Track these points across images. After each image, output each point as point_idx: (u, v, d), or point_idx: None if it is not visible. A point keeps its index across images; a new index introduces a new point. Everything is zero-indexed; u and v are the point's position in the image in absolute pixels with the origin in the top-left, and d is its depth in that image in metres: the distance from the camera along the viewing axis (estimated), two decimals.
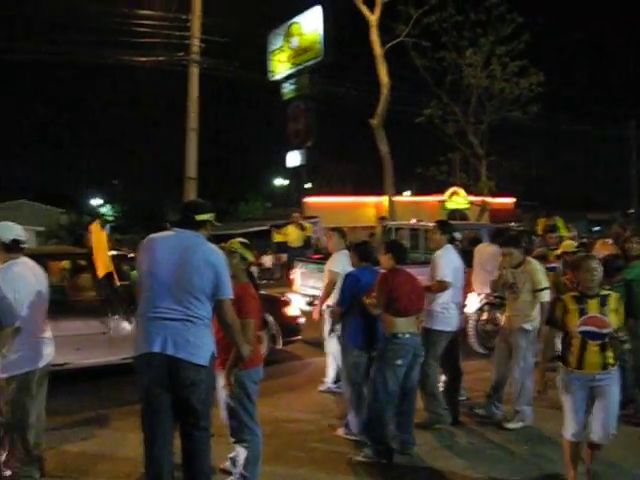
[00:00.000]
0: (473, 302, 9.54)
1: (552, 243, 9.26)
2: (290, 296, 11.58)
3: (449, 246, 6.50)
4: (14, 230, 4.93)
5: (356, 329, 5.92)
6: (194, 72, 19.22)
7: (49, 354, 4.98)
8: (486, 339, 9.64)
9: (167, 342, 4.09)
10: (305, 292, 11.49)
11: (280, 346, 9.28)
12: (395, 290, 5.55)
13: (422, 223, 13.80)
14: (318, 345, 9.79)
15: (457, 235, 7.67)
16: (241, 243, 5.04)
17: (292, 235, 18.18)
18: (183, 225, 4.40)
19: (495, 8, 24.86)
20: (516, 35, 25.46)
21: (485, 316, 9.76)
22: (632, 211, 44.44)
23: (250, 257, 5.04)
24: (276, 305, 9.57)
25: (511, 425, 6.41)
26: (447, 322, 6.28)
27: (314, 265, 11.45)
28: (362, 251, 6.26)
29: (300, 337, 9.64)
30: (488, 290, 8.58)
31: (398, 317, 5.52)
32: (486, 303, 9.58)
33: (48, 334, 5.02)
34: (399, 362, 5.51)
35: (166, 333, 4.11)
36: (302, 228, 18.14)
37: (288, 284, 18.29)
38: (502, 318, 7.07)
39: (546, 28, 30.82)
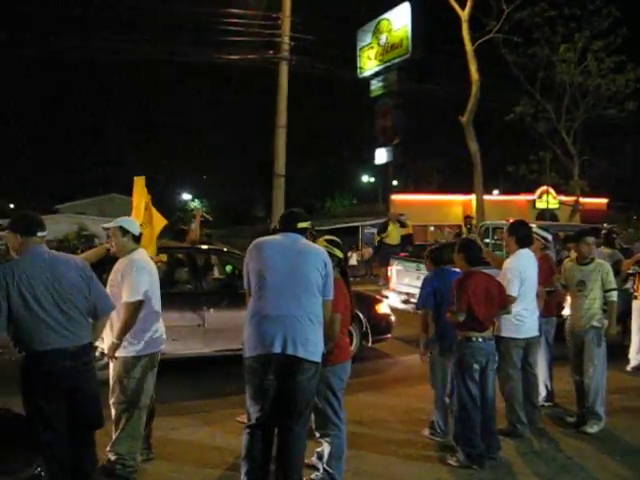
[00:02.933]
0: None
1: None
2: (386, 294, 11.65)
3: (522, 252, 6.13)
4: (137, 224, 5.37)
5: (444, 331, 5.87)
6: (284, 70, 19.41)
7: (164, 340, 5.32)
8: None
9: (287, 341, 4.25)
10: (400, 290, 11.48)
11: (370, 344, 9.32)
12: (463, 295, 5.43)
13: (503, 222, 13.55)
14: (408, 343, 9.80)
15: (547, 236, 7.41)
16: (328, 240, 5.10)
17: (391, 232, 17.79)
18: (287, 232, 4.62)
19: (591, 2, 24.16)
20: (613, 30, 24.68)
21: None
22: None
23: (339, 254, 5.08)
24: (367, 302, 9.59)
25: (589, 429, 6.24)
26: (519, 329, 6.08)
27: (410, 263, 11.41)
28: (435, 255, 6.25)
29: (390, 335, 9.65)
30: None
31: (469, 325, 5.45)
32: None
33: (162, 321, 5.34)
34: (476, 366, 5.45)
35: (285, 332, 4.26)
36: (402, 225, 17.66)
37: (374, 281, 18.46)
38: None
39: None
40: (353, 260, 26.64)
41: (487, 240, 12.95)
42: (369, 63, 27.68)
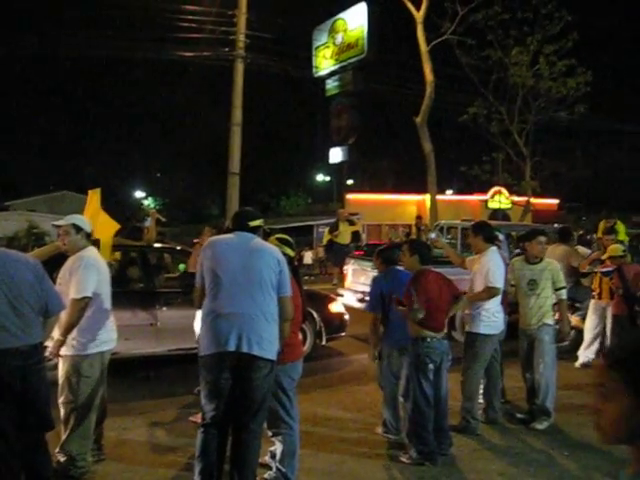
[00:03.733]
0: None
1: (606, 245, 9.12)
2: (342, 292, 11.69)
3: (494, 249, 6.35)
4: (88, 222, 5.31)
5: (392, 331, 5.91)
6: (239, 67, 19.33)
7: (115, 339, 5.25)
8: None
9: (242, 339, 4.25)
10: (356, 289, 11.53)
11: (324, 342, 9.35)
12: (419, 294, 5.47)
13: (444, 221, 13.79)
14: (363, 341, 9.85)
15: (500, 236, 7.54)
16: (279, 239, 5.11)
17: (342, 232, 18.05)
18: (240, 231, 4.63)
19: (543, 6, 24.54)
20: (564, 34, 25.10)
21: (556, 316, 9.73)
22: None
23: (290, 253, 5.09)
24: (321, 301, 9.61)
25: (539, 425, 6.36)
26: (493, 326, 6.20)
27: (366, 262, 11.47)
28: (386, 255, 6.26)
29: (344, 333, 9.68)
30: None
31: (422, 324, 5.48)
32: (555, 303, 9.52)
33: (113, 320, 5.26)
34: (431, 366, 5.49)
35: (240, 330, 4.25)
36: (351, 223, 17.96)
37: (328, 280, 18.54)
38: (573, 318, 7.04)
39: (595, 26, 30.30)
40: (308, 259, 26.68)
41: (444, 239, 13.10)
42: (324, 62, 27.69)
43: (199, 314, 4.97)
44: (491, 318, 6.10)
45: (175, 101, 41.50)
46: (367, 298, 10.44)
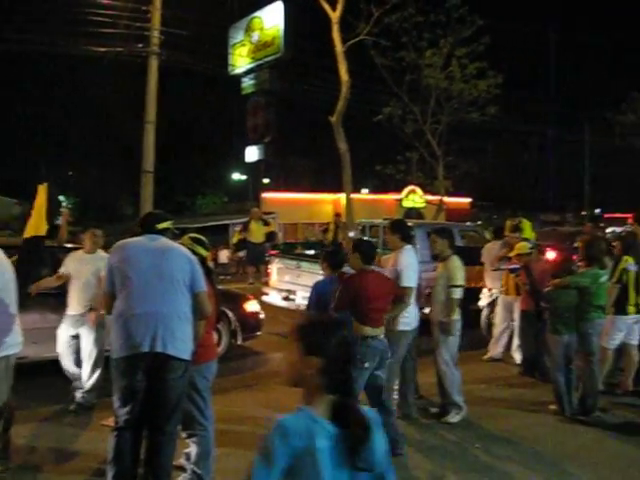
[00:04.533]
0: (485, 297, 10.06)
1: (512, 242, 9.41)
2: (266, 291, 11.70)
3: (409, 247, 6.44)
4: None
5: None
6: (153, 64, 19.03)
7: (21, 343, 5.00)
8: None
9: (155, 340, 4.21)
10: (281, 287, 11.54)
11: (240, 342, 9.30)
12: (360, 293, 5.54)
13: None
14: (279, 341, 9.87)
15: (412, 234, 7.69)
16: (192, 238, 5.08)
17: (254, 231, 18.22)
18: (148, 233, 4.60)
19: (455, 10, 25.08)
20: (475, 37, 25.72)
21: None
22: (584, 213, 45.35)
23: (203, 252, 5.07)
24: (236, 300, 9.56)
25: (451, 419, 6.52)
26: (406, 322, 6.30)
27: (290, 260, 11.48)
28: (334, 260, 6.26)
29: (260, 332, 9.66)
30: (499, 285, 9.36)
31: (362, 323, 5.52)
32: (497, 298, 9.76)
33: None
34: (367, 365, 5.51)
35: (153, 330, 4.20)
36: (265, 223, 18.18)
37: (244, 280, 18.48)
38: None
39: (506, 31, 31.15)
40: (224, 258, 26.47)
41: (365, 238, 13.25)
42: (241, 60, 27.60)
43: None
44: (404, 315, 6.20)
45: (88, 97, 40.34)
46: (292, 297, 10.58)
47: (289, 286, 11.05)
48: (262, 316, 9.70)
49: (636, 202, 29.77)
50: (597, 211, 47.53)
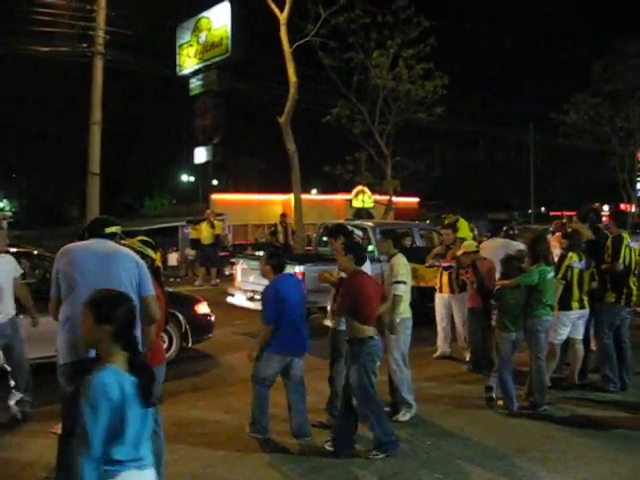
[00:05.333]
0: None
1: (446, 241, 9.55)
2: (231, 292, 11.71)
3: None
4: None
5: (281, 339, 5.90)
6: (99, 64, 18.75)
7: None
8: None
9: None
10: (246, 288, 11.54)
11: (191, 344, 9.24)
12: (362, 294, 5.61)
13: (358, 221, 14.13)
14: (229, 343, 9.82)
15: (359, 233, 7.78)
16: (141, 241, 5.04)
17: (204, 232, 18.48)
18: (96, 237, 4.58)
19: (402, 11, 25.28)
20: (422, 38, 25.96)
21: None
22: (530, 211, 46.18)
23: (152, 254, 5.03)
24: (186, 303, 9.53)
25: (401, 417, 6.57)
26: None
27: (255, 262, 11.49)
28: (276, 262, 6.17)
29: (211, 335, 9.61)
30: None
31: (365, 324, 5.59)
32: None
33: None
34: (379, 363, 5.68)
35: None
36: (212, 226, 18.43)
37: (194, 282, 18.38)
38: None
39: (452, 32, 31.58)
40: (173, 260, 26.23)
41: (325, 238, 13.26)
42: (188, 61, 27.36)
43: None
44: None
45: (32, 98, 39.56)
46: (257, 297, 10.55)
47: (254, 287, 11.03)
48: (212, 318, 9.65)
49: (579, 200, 30.39)
50: (542, 209, 48.46)
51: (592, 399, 7.28)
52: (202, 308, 9.58)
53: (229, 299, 11.78)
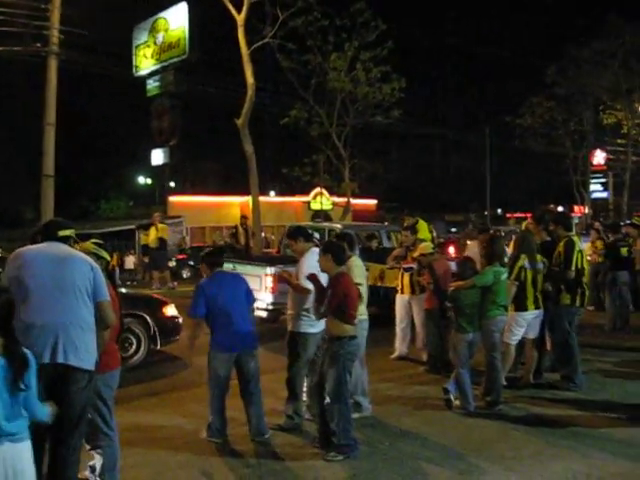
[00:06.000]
0: None
1: (405, 242, 9.61)
2: None
3: (314, 249, 6.42)
4: None
5: (220, 336, 5.92)
6: (53, 64, 18.48)
7: None
8: None
9: (57, 350, 4.08)
10: None
11: (159, 346, 9.25)
12: (348, 293, 5.65)
13: (326, 224, 14.19)
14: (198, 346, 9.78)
15: (315, 235, 7.80)
16: (95, 244, 4.99)
17: (151, 236, 18.42)
18: (49, 241, 4.47)
19: (360, 14, 25.42)
20: (379, 42, 26.14)
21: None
22: (487, 213, 46.75)
23: (107, 256, 4.98)
24: (154, 305, 9.57)
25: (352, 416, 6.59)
26: (314, 324, 6.29)
27: (226, 263, 11.43)
28: (211, 259, 6.24)
29: (178, 337, 9.59)
30: None
31: (348, 323, 5.62)
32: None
33: None
34: (356, 363, 5.80)
35: (54, 340, 4.08)
36: (156, 229, 18.43)
37: (150, 284, 18.23)
38: None
39: (409, 35, 31.84)
40: (130, 264, 26.00)
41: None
42: (145, 62, 27.13)
43: None
44: (311, 317, 6.21)
45: None
46: None
47: None
48: (180, 320, 9.66)
49: (535, 202, 30.85)
50: (499, 211, 49.09)
51: (547, 398, 7.38)
52: (170, 310, 9.62)
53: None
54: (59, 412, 4.01)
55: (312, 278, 5.83)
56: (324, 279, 5.87)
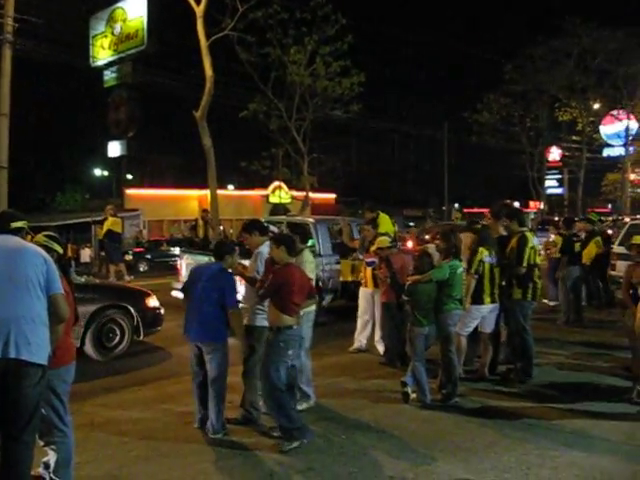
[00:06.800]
0: None
1: (367, 236, 9.66)
2: (177, 285, 11.77)
3: (267, 243, 6.48)
4: None
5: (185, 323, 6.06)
6: (7, 54, 18.11)
7: None
8: None
9: (8, 344, 4.00)
10: None
11: (142, 337, 9.49)
12: (287, 283, 5.74)
13: (299, 218, 14.30)
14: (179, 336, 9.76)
15: (273, 228, 7.85)
16: (47, 236, 4.92)
17: (104, 229, 18.29)
18: (1, 233, 4.39)
19: (320, 8, 25.40)
20: (339, 36, 26.16)
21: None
22: (444, 208, 47.20)
23: (58, 249, 4.91)
24: (137, 296, 9.78)
25: (299, 406, 6.59)
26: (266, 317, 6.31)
27: (201, 256, 11.48)
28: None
29: (160, 328, 9.84)
30: None
31: (284, 313, 5.70)
32: None
33: None
34: (290, 352, 5.77)
35: (6, 335, 4.01)
36: (102, 222, 18.42)
37: (107, 277, 18.03)
38: None
39: (369, 30, 31.93)
40: (86, 257, 25.68)
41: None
42: (102, 52, 26.80)
43: None
44: (266, 311, 6.22)
45: None
46: None
47: None
48: (162, 311, 9.91)
49: (492, 197, 31.22)
50: (456, 206, 49.61)
51: (501, 391, 7.49)
52: (152, 302, 9.83)
53: (174, 292, 11.79)
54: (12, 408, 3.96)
55: (236, 272, 5.96)
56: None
